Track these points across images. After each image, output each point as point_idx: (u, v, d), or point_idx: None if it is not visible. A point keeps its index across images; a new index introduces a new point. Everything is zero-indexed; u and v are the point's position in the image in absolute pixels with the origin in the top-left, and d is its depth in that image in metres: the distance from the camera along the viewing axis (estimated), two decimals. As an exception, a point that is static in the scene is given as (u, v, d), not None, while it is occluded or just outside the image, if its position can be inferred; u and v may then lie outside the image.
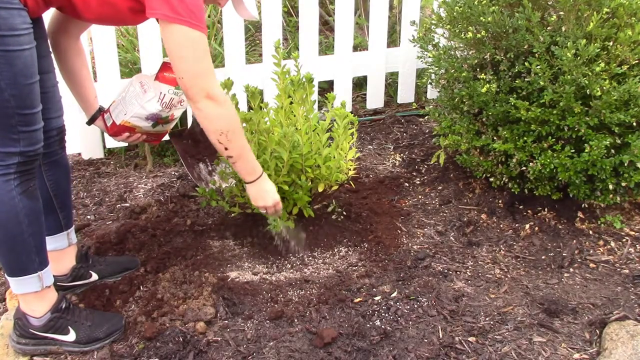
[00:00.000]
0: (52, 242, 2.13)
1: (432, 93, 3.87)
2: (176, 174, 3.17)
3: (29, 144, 1.75)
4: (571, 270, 2.40)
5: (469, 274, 2.37)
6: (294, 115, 2.40)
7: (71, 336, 1.96)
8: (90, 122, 2.23)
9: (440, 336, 2.02)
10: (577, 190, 2.54)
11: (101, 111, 2.22)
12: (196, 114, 1.89)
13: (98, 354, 1.96)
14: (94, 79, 3.07)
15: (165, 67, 2.10)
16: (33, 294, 1.90)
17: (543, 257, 2.46)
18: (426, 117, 3.61)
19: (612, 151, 2.42)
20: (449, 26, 2.82)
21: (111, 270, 2.30)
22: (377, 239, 2.54)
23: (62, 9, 1.90)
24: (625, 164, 2.40)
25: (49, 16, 2.05)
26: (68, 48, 2.07)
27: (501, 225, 2.67)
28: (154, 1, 1.75)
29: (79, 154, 3.29)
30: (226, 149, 1.96)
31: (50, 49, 1.98)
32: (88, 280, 2.24)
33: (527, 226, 2.63)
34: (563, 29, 2.44)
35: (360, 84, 4.13)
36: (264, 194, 2.14)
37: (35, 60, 1.72)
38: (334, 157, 2.40)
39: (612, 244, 2.54)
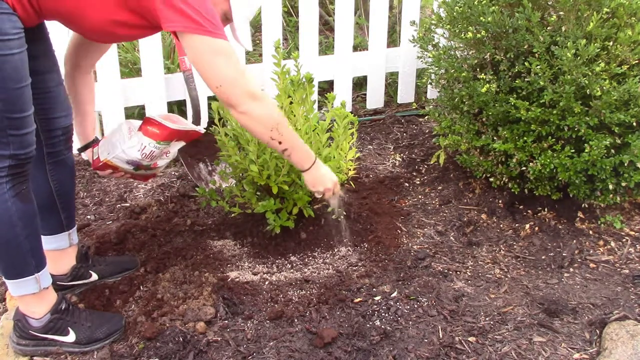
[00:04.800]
0: (53, 242, 2.13)
1: (432, 93, 3.87)
2: (176, 174, 3.17)
3: (20, 147, 1.74)
4: (571, 270, 2.40)
5: (469, 274, 2.37)
6: (294, 115, 2.40)
7: (71, 337, 1.96)
8: (82, 149, 2.22)
9: (440, 336, 2.02)
10: (577, 190, 2.54)
11: (94, 142, 2.21)
12: (242, 119, 1.84)
13: (98, 354, 1.96)
14: (94, 79, 3.07)
15: (149, 121, 2.07)
16: (31, 296, 1.90)
17: (543, 257, 2.47)
18: (426, 117, 3.61)
19: (612, 151, 2.42)
20: (449, 26, 2.82)
21: (111, 270, 2.30)
22: (377, 239, 2.54)
23: (59, 20, 1.89)
24: (625, 164, 2.40)
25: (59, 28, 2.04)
26: (79, 82, 2.10)
27: (501, 225, 2.67)
28: (170, 14, 1.70)
29: (79, 154, 3.29)
30: (280, 142, 1.91)
31: (54, 48, 1.97)
32: (88, 280, 2.24)
33: (527, 226, 2.63)
34: (563, 29, 2.44)
35: (360, 84, 4.12)
36: (323, 178, 2.09)
37: (26, 64, 1.70)
38: (334, 157, 2.40)
39: (612, 244, 2.54)
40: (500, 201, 2.78)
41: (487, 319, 2.11)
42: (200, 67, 1.77)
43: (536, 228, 2.62)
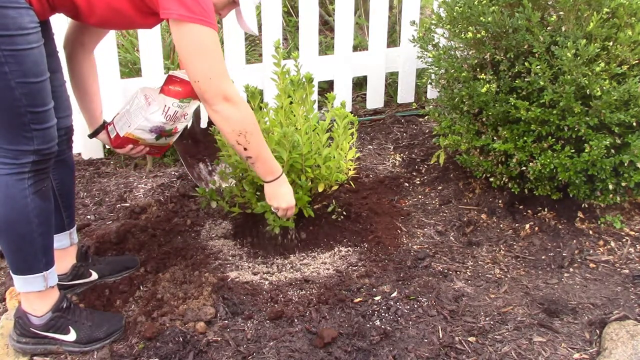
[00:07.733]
0: (55, 241, 2.12)
1: (432, 93, 3.87)
2: (176, 174, 3.17)
3: (43, 142, 1.77)
4: (571, 270, 2.40)
5: (469, 274, 2.37)
6: (294, 115, 2.40)
7: (72, 336, 1.96)
8: (93, 135, 2.24)
9: (440, 336, 2.02)
10: (577, 190, 2.54)
11: (105, 125, 2.22)
12: (213, 116, 1.88)
13: (98, 354, 1.96)
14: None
15: (171, 80, 2.09)
16: (36, 293, 1.91)
17: (543, 257, 2.47)
18: (426, 117, 3.61)
19: (612, 151, 2.42)
20: (449, 26, 2.82)
21: (111, 269, 2.30)
22: (377, 239, 2.54)
23: (66, 14, 1.91)
24: (625, 164, 2.40)
25: (63, 26, 2.07)
26: (83, 61, 2.10)
27: (501, 225, 2.67)
28: (168, 2, 1.74)
29: (79, 154, 3.29)
30: (245, 149, 1.95)
31: (58, 49, 1.99)
32: (88, 279, 2.24)
33: (527, 226, 2.63)
34: (563, 29, 2.45)
35: (360, 84, 4.13)
36: (280, 195, 2.14)
37: (44, 58, 1.73)
38: (334, 157, 2.40)
39: (612, 244, 2.54)
40: (500, 201, 2.78)
41: (487, 319, 2.11)
42: (185, 55, 1.81)
43: (536, 228, 2.62)
